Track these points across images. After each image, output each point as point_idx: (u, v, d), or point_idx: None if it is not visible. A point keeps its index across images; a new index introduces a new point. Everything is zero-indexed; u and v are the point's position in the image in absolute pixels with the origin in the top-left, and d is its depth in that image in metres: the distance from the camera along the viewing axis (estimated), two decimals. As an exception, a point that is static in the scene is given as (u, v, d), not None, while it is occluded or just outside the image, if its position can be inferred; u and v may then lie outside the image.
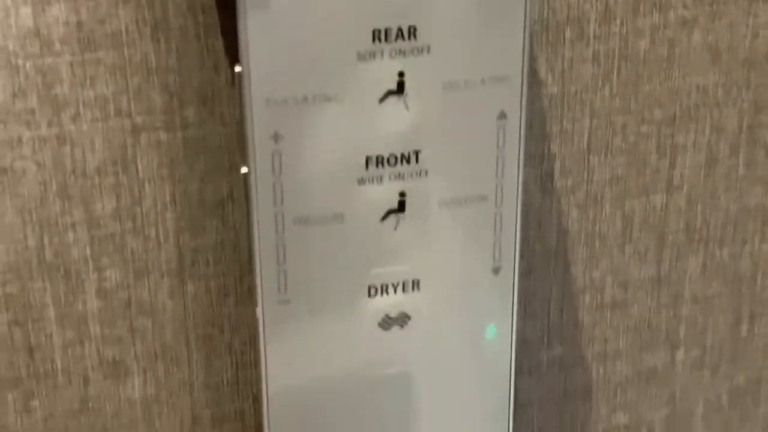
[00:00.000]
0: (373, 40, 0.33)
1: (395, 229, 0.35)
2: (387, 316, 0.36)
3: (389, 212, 0.35)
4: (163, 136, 0.36)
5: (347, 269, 0.35)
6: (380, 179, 0.34)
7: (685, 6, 0.40)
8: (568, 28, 0.39)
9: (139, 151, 0.36)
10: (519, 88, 0.35)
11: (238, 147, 0.34)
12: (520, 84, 0.35)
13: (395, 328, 0.37)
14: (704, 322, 0.46)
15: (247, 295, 0.39)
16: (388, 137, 0.34)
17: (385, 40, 0.33)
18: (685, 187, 0.43)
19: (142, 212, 0.37)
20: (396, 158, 0.34)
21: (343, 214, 0.35)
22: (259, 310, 0.35)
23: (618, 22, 0.39)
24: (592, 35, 0.39)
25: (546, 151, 0.41)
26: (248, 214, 0.34)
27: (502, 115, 0.35)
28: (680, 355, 0.46)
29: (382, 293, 0.36)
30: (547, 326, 0.44)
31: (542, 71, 0.39)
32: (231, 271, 0.39)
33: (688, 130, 0.42)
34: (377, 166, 0.34)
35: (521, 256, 0.37)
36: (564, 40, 0.39)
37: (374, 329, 0.36)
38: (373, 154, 0.34)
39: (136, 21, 0.34)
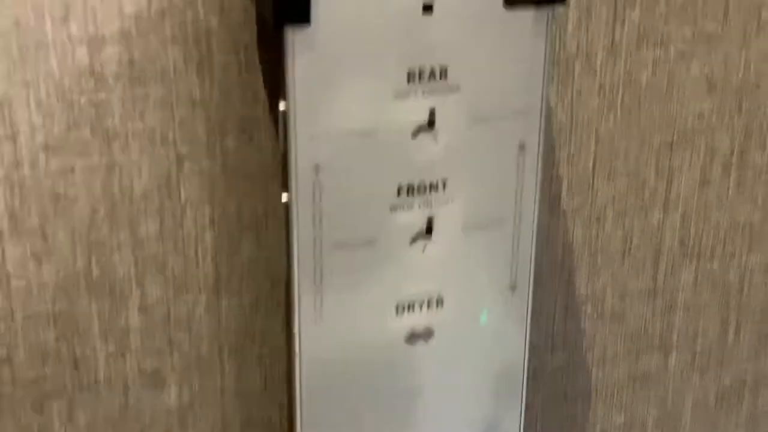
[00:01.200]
0: (408, 80, 0.35)
1: (423, 252, 0.38)
2: (413, 331, 0.39)
3: (418, 236, 0.38)
4: (204, 163, 0.39)
5: (378, 289, 0.38)
6: (410, 206, 0.37)
7: (684, 41, 0.43)
8: (578, 61, 0.42)
9: (182, 177, 0.39)
10: (538, 122, 0.38)
11: (281, 176, 0.36)
12: (539, 117, 0.38)
13: (420, 343, 0.40)
14: (695, 329, 0.49)
15: (276, 308, 0.42)
16: (418, 168, 0.37)
17: (419, 79, 0.35)
18: (680, 206, 0.46)
19: (183, 233, 0.39)
20: (425, 187, 0.37)
21: (375, 239, 0.37)
22: (295, 328, 0.38)
23: (623, 56, 0.42)
24: (599, 68, 0.42)
25: (555, 174, 0.44)
26: (288, 239, 0.37)
27: (522, 146, 0.38)
28: (672, 359, 0.49)
29: (409, 310, 0.39)
30: (552, 334, 0.47)
31: (553, 101, 0.42)
32: (263, 286, 0.41)
33: (684, 153, 0.45)
34: (408, 194, 0.37)
35: (533, 273, 0.40)
36: (573, 72, 0.42)
37: (401, 344, 0.39)
38: (405, 183, 0.37)
39: (183, 58, 0.37)
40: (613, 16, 0.41)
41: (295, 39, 0.34)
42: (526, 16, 0.36)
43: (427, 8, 0.34)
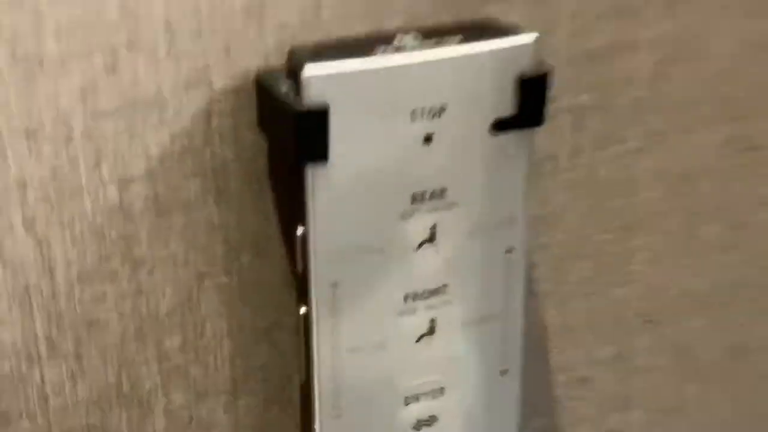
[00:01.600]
0: (412, 202, 0.40)
1: (427, 349, 0.42)
2: (419, 419, 0.43)
3: (422, 335, 0.42)
4: (223, 279, 0.42)
5: (389, 385, 0.42)
6: (415, 310, 0.41)
7: (636, 138, 0.48)
8: (547, 162, 0.47)
9: (202, 293, 0.42)
10: (522, 227, 0.42)
11: (297, 291, 0.40)
12: (523, 223, 0.42)
13: (425, 428, 0.44)
14: (653, 389, 0.54)
15: (288, 404, 0.45)
16: (422, 277, 0.41)
17: (421, 200, 0.40)
18: (640, 281, 0.51)
19: (203, 344, 0.43)
20: (428, 293, 0.41)
21: (386, 341, 0.41)
22: (316, 426, 0.42)
23: (585, 155, 0.47)
24: (564, 167, 0.47)
25: (530, 262, 0.48)
26: (307, 347, 0.41)
27: (510, 249, 0.42)
28: (634, 415, 0.55)
29: (415, 401, 0.43)
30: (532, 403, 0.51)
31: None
32: (277, 384, 0.45)
33: (640, 235, 0.50)
34: (413, 300, 0.41)
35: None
36: (543, 172, 0.47)
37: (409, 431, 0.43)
38: (411, 291, 0.41)
39: (202, 189, 0.40)
40: (572, 123, 0.46)
41: (315, 174, 0.38)
42: (509, 138, 0.40)
43: (428, 139, 0.39)
